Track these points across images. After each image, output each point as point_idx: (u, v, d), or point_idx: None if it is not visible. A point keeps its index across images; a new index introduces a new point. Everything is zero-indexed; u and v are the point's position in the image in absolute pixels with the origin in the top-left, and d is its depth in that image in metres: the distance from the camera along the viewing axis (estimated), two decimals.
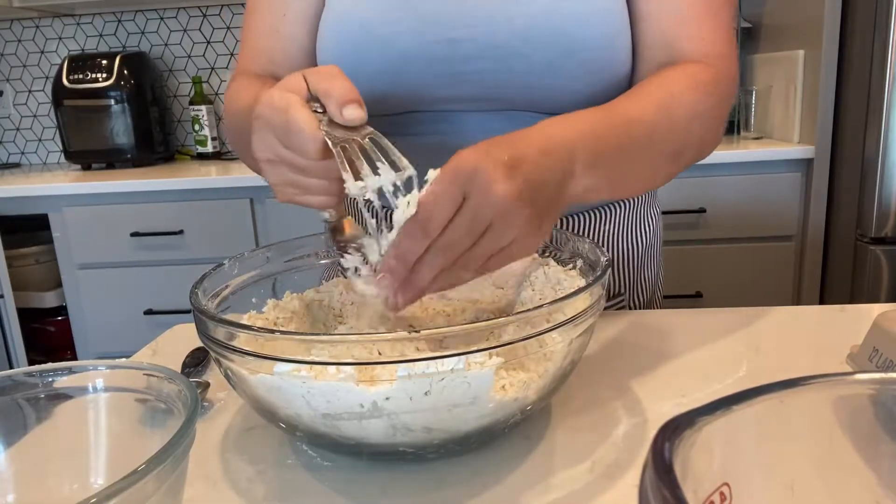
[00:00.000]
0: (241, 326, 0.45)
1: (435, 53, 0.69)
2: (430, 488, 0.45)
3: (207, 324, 0.46)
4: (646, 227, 0.82)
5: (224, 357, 0.45)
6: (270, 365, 0.42)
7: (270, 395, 0.44)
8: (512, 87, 0.70)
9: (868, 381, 0.27)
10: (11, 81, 2.63)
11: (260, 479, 0.48)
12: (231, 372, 0.47)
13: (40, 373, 0.40)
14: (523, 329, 0.43)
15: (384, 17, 0.70)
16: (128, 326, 2.11)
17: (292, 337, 0.43)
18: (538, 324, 0.43)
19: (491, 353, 0.42)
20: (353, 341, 0.41)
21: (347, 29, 0.71)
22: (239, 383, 0.47)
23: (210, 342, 0.46)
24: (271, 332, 0.44)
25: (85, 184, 2.03)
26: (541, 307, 0.44)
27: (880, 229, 1.71)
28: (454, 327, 0.41)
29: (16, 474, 0.40)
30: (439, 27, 0.69)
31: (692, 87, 0.63)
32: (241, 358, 0.44)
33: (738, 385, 0.26)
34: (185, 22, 2.53)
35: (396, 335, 0.41)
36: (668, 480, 0.20)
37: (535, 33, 0.67)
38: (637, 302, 0.82)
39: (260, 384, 0.44)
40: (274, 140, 0.51)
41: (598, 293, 0.48)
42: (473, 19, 0.68)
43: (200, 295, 0.53)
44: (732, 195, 1.87)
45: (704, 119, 0.64)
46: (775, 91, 2.03)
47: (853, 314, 0.70)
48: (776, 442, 0.26)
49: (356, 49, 0.71)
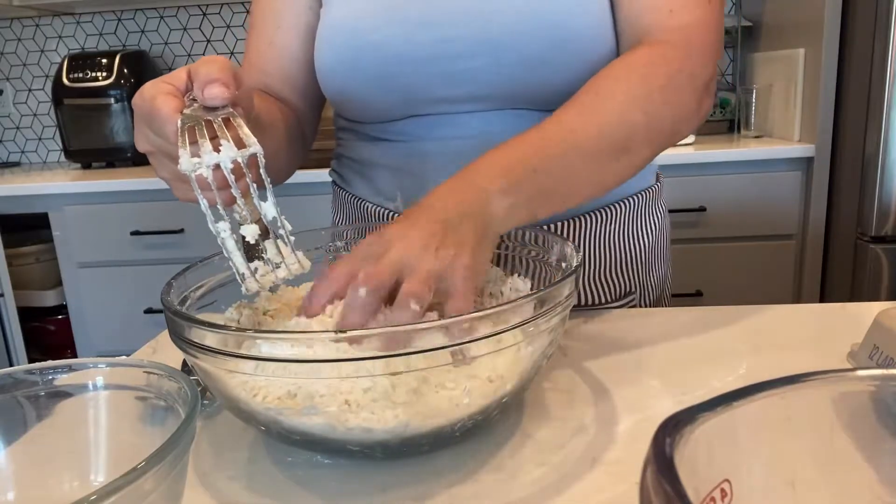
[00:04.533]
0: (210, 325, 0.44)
1: (427, 54, 0.70)
2: (431, 484, 0.45)
3: (179, 323, 0.45)
4: (651, 226, 0.82)
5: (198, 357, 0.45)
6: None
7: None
8: (506, 84, 0.70)
9: (868, 377, 0.27)
10: (11, 80, 2.63)
11: (259, 478, 0.48)
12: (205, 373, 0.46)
13: (40, 370, 0.40)
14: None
15: (374, 22, 0.71)
16: (128, 325, 2.11)
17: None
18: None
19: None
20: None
21: (340, 38, 0.72)
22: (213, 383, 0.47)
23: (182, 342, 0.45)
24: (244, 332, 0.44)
25: (85, 182, 2.03)
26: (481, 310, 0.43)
27: (880, 228, 1.71)
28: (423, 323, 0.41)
29: (16, 472, 0.40)
30: (429, 28, 0.69)
31: (624, 75, 0.62)
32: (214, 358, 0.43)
33: (739, 382, 0.26)
34: (184, 21, 2.53)
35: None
36: (670, 476, 0.20)
37: (524, 26, 0.67)
38: (646, 301, 0.82)
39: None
40: (147, 130, 0.51)
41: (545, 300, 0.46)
42: (463, 17, 0.69)
43: (173, 295, 0.52)
44: (733, 194, 1.87)
45: (648, 103, 0.62)
46: (776, 90, 2.03)
47: (853, 312, 0.70)
48: (777, 438, 0.26)
49: (350, 57, 0.72)
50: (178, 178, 0.53)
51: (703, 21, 0.66)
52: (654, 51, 0.64)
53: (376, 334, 0.40)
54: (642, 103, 0.61)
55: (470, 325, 0.42)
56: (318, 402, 0.42)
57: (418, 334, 0.41)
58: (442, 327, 0.41)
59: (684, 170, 1.85)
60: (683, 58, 0.64)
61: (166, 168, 0.53)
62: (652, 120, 0.62)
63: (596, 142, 0.60)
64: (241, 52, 2.52)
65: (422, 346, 0.41)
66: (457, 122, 0.73)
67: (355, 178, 0.83)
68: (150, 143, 0.52)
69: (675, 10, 0.65)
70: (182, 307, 0.52)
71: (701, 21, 0.66)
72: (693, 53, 0.65)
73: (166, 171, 0.54)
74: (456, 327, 0.41)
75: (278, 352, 0.41)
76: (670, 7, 0.65)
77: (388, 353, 0.40)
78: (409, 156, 0.76)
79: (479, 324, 0.42)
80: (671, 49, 0.64)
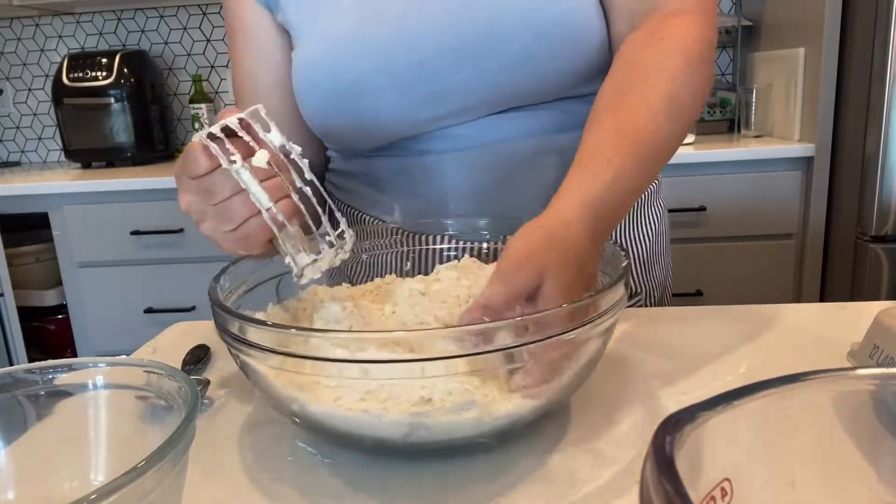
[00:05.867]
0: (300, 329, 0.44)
1: (409, 80, 0.68)
2: (432, 484, 0.45)
3: (240, 325, 0.45)
4: (651, 224, 0.81)
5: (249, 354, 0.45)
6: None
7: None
8: (494, 88, 0.68)
9: (869, 376, 0.27)
10: (11, 80, 2.63)
11: (260, 477, 0.47)
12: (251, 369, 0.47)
13: (40, 370, 0.40)
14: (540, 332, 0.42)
15: (353, 57, 0.69)
16: (128, 325, 2.11)
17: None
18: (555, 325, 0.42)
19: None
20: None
21: (318, 77, 0.71)
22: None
23: (230, 338, 0.46)
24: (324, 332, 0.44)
25: (85, 182, 2.03)
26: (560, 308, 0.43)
27: (881, 227, 1.71)
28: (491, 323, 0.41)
29: (16, 471, 0.40)
30: (403, 53, 0.67)
31: (688, 61, 0.60)
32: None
33: (739, 382, 0.26)
34: (184, 20, 2.52)
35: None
36: (670, 475, 0.20)
37: (499, 25, 0.65)
38: (650, 301, 0.82)
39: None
40: (188, 180, 0.51)
41: (619, 294, 0.47)
42: (434, 33, 0.67)
43: (220, 290, 0.53)
44: (733, 193, 1.87)
45: (703, 89, 0.62)
46: (776, 89, 2.03)
47: (853, 312, 0.70)
48: (777, 437, 0.26)
49: (333, 98, 0.70)
50: (216, 219, 0.52)
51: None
52: (697, 28, 0.62)
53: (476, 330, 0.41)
54: (702, 90, 0.62)
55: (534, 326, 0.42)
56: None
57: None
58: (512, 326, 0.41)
59: (684, 169, 1.85)
60: (715, 34, 0.64)
61: (208, 216, 0.52)
62: (696, 99, 0.62)
63: (678, 137, 0.60)
64: None
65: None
66: (452, 135, 0.72)
67: (350, 189, 0.82)
68: (189, 190, 0.52)
69: None
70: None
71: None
72: (712, 22, 0.64)
73: (208, 220, 0.52)
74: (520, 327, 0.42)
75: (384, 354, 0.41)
76: None
77: (480, 350, 0.41)
78: (405, 170, 0.75)
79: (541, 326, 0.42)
80: (706, 24, 0.63)
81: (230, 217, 0.51)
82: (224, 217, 0.51)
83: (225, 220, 0.51)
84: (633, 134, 0.56)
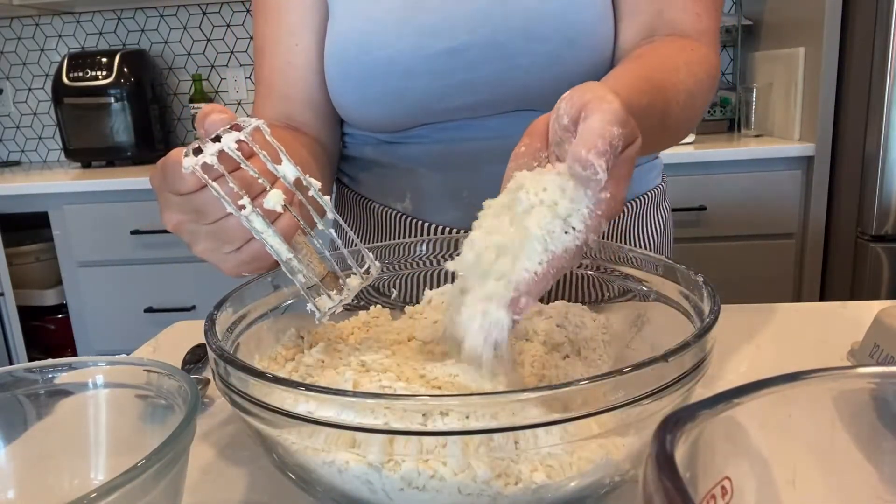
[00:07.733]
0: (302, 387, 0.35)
1: (438, 66, 0.69)
2: None
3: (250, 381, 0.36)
4: (657, 225, 0.81)
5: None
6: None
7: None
8: (521, 87, 0.69)
9: (869, 375, 0.27)
10: (11, 79, 2.63)
11: (259, 476, 0.47)
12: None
13: (41, 369, 0.40)
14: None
15: (385, 37, 0.69)
16: (128, 324, 2.11)
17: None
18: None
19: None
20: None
21: (350, 53, 0.70)
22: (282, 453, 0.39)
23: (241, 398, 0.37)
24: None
25: (85, 182, 2.03)
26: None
27: (881, 227, 1.71)
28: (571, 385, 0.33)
29: (16, 470, 0.40)
30: (441, 38, 0.68)
31: (710, 77, 0.64)
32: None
33: (739, 380, 0.26)
34: (184, 20, 2.52)
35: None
36: (670, 473, 0.20)
37: (536, 28, 0.67)
38: None
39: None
40: (169, 195, 0.44)
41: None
42: (473, 23, 0.68)
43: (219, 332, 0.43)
44: (733, 193, 1.87)
45: (703, 108, 0.66)
46: (776, 89, 2.03)
47: (854, 311, 0.70)
48: (777, 436, 0.26)
49: (360, 74, 0.70)
50: (210, 239, 0.45)
51: (717, 28, 0.70)
52: (712, 57, 0.66)
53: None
54: (706, 101, 0.66)
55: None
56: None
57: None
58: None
59: (684, 169, 1.85)
60: (716, 59, 0.68)
61: (202, 237, 0.45)
62: (699, 113, 0.66)
63: (691, 117, 0.63)
64: (241, 51, 2.52)
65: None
66: (473, 126, 0.72)
67: (363, 177, 0.82)
68: (175, 208, 0.45)
69: (701, 13, 0.67)
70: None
71: (717, 27, 0.69)
72: (717, 59, 0.68)
73: (203, 241, 0.45)
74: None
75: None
76: (696, 10, 0.67)
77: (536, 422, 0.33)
78: (422, 158, 0.75)
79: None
80: (713, 56, 0.66)
81: (230, 238, 0.44)
82: (223, 238, 0.44)
83: (224, 242, 0.45)
84: (663, 92, 0.57)
